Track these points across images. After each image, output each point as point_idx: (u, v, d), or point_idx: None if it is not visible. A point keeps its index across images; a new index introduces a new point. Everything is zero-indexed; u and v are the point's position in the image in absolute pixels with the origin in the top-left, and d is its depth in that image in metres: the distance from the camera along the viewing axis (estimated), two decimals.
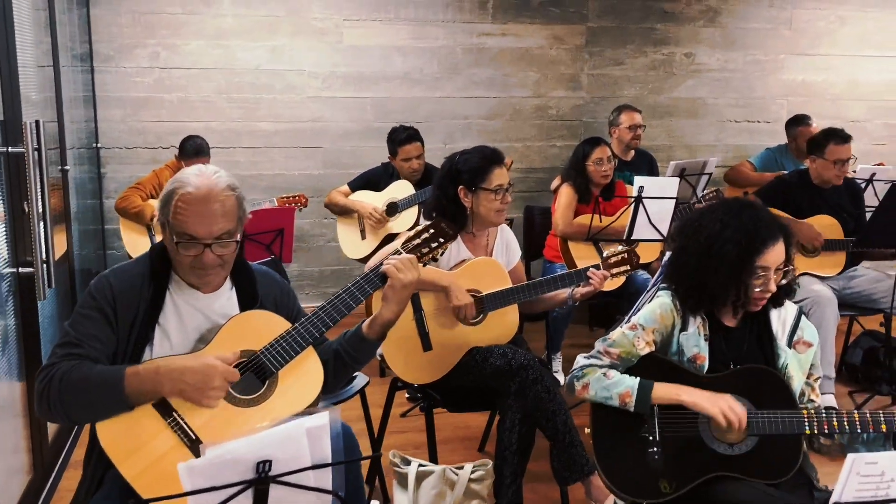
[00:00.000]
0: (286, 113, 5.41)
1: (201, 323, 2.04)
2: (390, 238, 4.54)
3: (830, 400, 3.89)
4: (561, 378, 4.45)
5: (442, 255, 2.29)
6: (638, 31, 5.93)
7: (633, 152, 5.36)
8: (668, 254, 2.46)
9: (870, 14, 6.26)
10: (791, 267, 2.06)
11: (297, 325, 2.06)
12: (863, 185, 4.94)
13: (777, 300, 2.14)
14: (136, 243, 4.67)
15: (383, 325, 2.14)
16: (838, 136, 4.11)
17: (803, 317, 2.20)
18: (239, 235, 2.00)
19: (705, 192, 4.58)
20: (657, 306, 2.16)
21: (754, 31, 6.13)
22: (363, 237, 4.67)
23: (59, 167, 3.88)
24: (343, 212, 4.73)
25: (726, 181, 5.81)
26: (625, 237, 3.98)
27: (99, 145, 5.14)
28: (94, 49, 5.04)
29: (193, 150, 4.66)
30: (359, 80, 5.49)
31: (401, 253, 2.19)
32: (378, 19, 5.45)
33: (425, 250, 2.24)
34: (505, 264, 3.13)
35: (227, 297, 2.10)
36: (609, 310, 4.93)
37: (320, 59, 5.41)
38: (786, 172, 4.55)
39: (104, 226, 5.21)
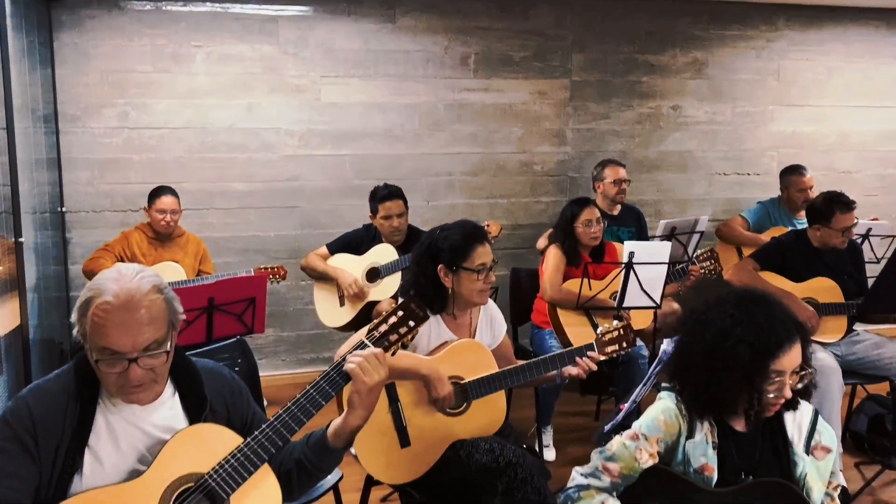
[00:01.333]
0: (261, 172, 5.21)
1: (140, 441, 1.78)
2: (371, 306, 4.29)
3: (838, 476, 3.65)
4: (551, 454, 4.19)
5: (412, 339, 2.05)
6: (623, 85, 5.80)
7: (619, 207, 5.19)
8: (666, 342, 2.25)
9: (856, 65, 6.17)
10: (809, 370, 1.85)
11: (250, 439, 1.81)
12: (859, 241, 4.78)
13: (792, 403, 1.91)
14: None
15: (351, 433, 1.90)
16: (843, 205, 3.91)
17: (820, 418, 1.98)
18: (170, 344, 1.76)
19: (698, 251, 4.39)
20: (660, 412, 1.93)
21: (742, 82, 6.01)
22: (341, 304, 4.41)
23: (13, 237, 3.63)
24: (321, 277, 4.47)
25: (718, 237, 5.64)
26: (616, 305, 3.76)
27: (64, 209, 4.90)
28: (60, 109, 4.83)
29: (159, 191, 4.50)
30: (337, 137, 5.31)
31: (365, 346, 1.95)
32: (357, 76, 5.29)
33: (394, 337, 2.01)
34: (490, 342, 2.91)
35: (169, 406, 1.85)
36: (601, 377, 4.69)
37: (297, 116, 5.22)
38: (783, 234, 4.37)
39: (69, 293, 4.94)
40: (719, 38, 5.93)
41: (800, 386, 1.86)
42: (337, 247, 4.50)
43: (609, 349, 2.80)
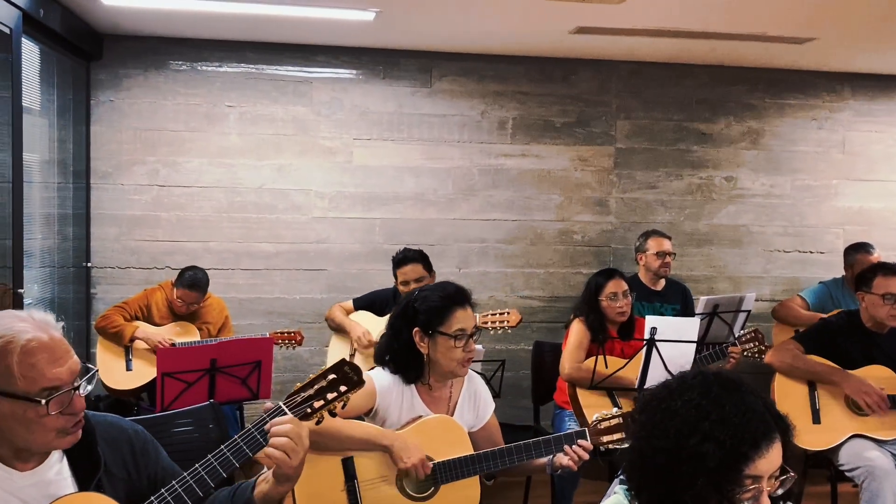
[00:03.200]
0: (289, 233, 5.11)
1: None
2: None
3: None
4: None
5: (343, 407, 1.81)
6: (671, 154, 5.51)
7: (663, 281, 4.85)
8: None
9: None
10: (790, 475, 1.50)
11: None
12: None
13: None
14: (111, 370, 4.32)
15: (281, 498, 1.72)
16: (887, 268, 3.53)
17: None
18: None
19: (743, 332, 4.00)
20: None
21: (802, 154, 5.63)
22: (351, 356, 4.25)
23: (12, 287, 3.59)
24: (338, 329, 4.41)
25: (774, 318, 5.19)
26: (636, 386, 3.41)
27: (90, 264, 4.89)
28: (92, 166, 4.87)
29: (190, 281, 4.35)
30: (368, 200, 5.18)
31: (282, 411, 1.74)
32: (390, 139, 5.18)
33: (318, 403, 1.79)
34: (472, 421, 2.62)
35: (55, 470, 1.66)
36: None
37: (328, 178, 5.13)
38: (832, 314, 3.94)
39: (89, 349, 4.89)
40: (777, 107, 5.60)
41: (780, 492, 1.50)
42: (362, 304, 4.46)
43: (605, 439, 2.46)
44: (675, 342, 3.35)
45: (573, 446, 2.42)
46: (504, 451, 2.42)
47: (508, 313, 3.93)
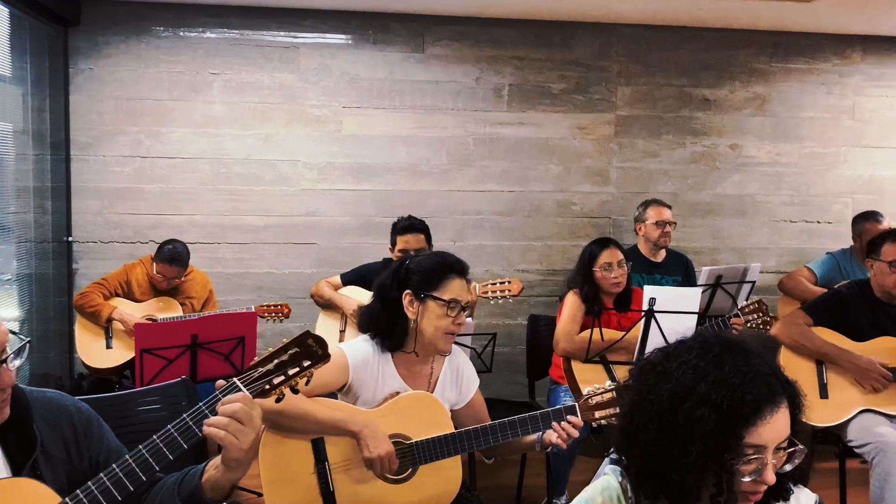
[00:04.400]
0: (277, 206, 4.93)
1: None
2: None
3: None
4: None
5: (307, 384, 1.65)
6: (674, 121, 5.30)
7: (663, 252, 4.67)
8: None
9: None
10: (798, 447, 1.33)
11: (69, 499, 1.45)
12: None
13: (780, 492, 1.40)
14: (89, 349, 4.18)
15: (232, 487, 1.56)
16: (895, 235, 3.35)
17: None
18: None
19: (746, 303, 3.82)
20: (599, 492, 1.45)
21: (810, 120, 5.42)
22: (342, 335, 4.09)
23: None
24: (327, 305, 4.21)
25: (781, 290, 5.00)
26: (635, 357, 3.24)
27: (71, 239, 4.73)
28: (72, 136, 4.70)
29: (169, 256, 4.19)
30: (358, 171, 5.00)
31: (236, 388, 1.58)
32: (381, 107, 4.99)
33: (278, 379, 1.62)
34: (455, 399, 2.46)
35: None
36: None
37: (317, 148, 4.95)
38: (842, 284, 3.75)
39: (71, 326, 4.73)
40: (784, 71, 5.37)
41: (787, 468, 1.34)
42: (350, 278, 4.25)
43: (597, 415, 2.30)
44: (674, 313, 3.17)
45: (562, 423, 2.25)
46: (485, 429, 2.25)
47: (510, 282, 3.75)
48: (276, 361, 1.64)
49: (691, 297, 3.19)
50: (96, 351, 4.16)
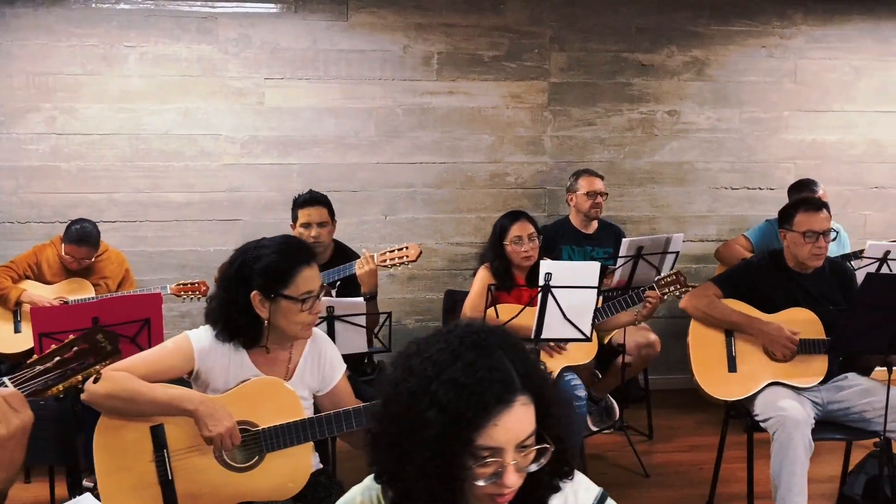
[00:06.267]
0: (200, 182, 4.81)
1: None
2: None
3: None
4: None
5: (95, 381, 1.56)
6: (610, 87, 5.16)
7: (595, 223, 4.59)
8: None
9: (890, 63, 5.36)
10: (545, 446, 1.23)
11: None
12: (877, 266, 4.05)
13: (536, 496, 1.29)
14: None
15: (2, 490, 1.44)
16: (809, 203, 3.26)
17: None
18: None
19: (663, 275, 3.73)
20: (360, 492, 1.35)
21: (751, 84, 5.29)
22: None
23: None
24: None
25: (717, 259, 4.95)
26: (532, 336, 3.15)
27: None
28: None
29: (77, 236, 4.06)
30: (283, 144, 4.87)
31: (3, 385, 1.48)
32: (305, 78, 4.84)
33: (56, 377, 1.53)
34: (317, 385, 2.35)
35: None
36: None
37: (239, 122, 4.81)
38: (756, 255, 3.66)
39: None
40: (723, 34, 5.24)
41: (534, 467, 1.23)
42: None
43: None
44: (572, 288, 3.08)
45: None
46: (338, 415, 2.17)
47: (407, 247, 3.59)
48: (56, 359, 1.56)
49: (589, 271, 3.09)
50: (5, 335, 4.06)
